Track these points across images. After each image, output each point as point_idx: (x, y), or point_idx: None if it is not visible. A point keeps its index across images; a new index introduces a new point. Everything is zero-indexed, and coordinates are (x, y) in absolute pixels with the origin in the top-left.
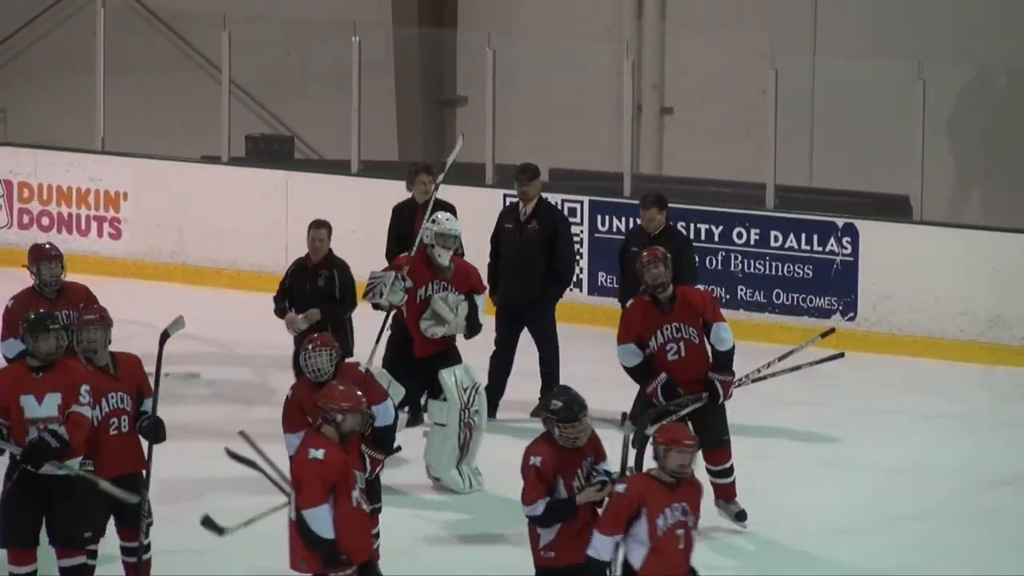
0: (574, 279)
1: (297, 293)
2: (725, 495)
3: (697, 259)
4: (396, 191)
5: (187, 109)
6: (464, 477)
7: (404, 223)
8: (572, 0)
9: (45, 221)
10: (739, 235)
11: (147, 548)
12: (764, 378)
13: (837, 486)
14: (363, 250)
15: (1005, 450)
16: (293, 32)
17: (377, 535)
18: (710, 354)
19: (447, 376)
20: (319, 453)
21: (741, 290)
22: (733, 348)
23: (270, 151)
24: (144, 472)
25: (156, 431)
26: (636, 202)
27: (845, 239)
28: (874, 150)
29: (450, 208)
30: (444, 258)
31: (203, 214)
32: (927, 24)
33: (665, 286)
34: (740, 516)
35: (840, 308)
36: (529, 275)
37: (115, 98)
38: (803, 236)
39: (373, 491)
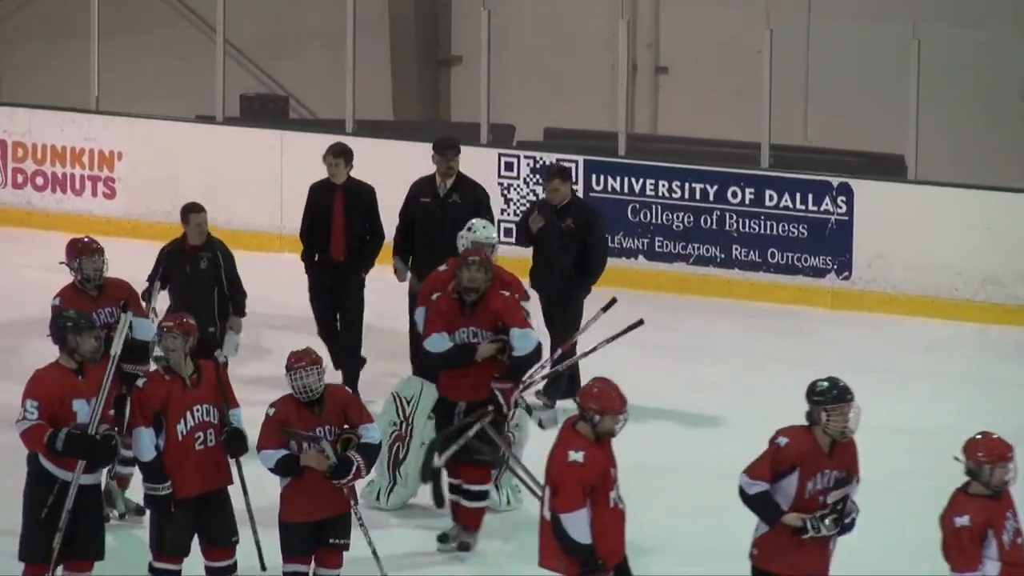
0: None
1: (176, 276)
2: (470, 521)
3: (607, 235)
4: (391, 150)
5: (182, 69)
6: (502, 494)
7: (321, 205)
8: None
9: (39, 181)
10: (734, 194)
11: (235, 567)
12: (558, 373)
13: None
14: None
15: (999, 408)
16: None
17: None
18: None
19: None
20: (579, 456)
21: (736, 249)
22: (528, 356)
23: (265, 111)
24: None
25: (236, 444)
26: (633, 162)
27: (840, 198)
28: (869, 109)
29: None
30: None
31: (197, 174)
32: None
33: (478, 291)
34: (463, 547)
35: (835, 267)
36: (454, 249)
37: (109, 57)
38: (798, 195)
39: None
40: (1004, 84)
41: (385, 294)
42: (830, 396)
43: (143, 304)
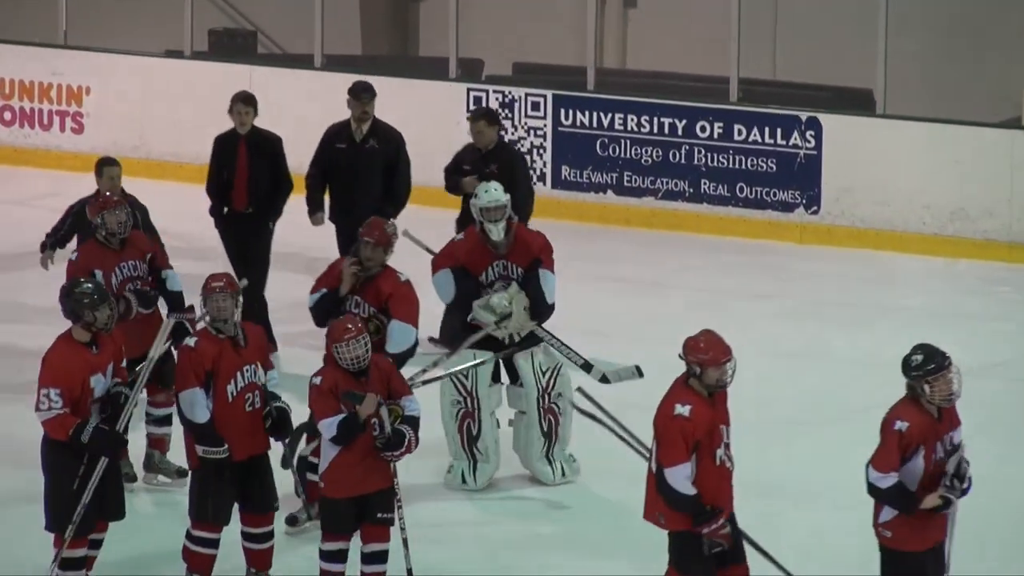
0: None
1: (88, 233)
2: None
3: (534, 179)
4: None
5: (150, 3)
6: (555, 467)
7: (224, 156)
8: None
9: (7, 116)
10: (703, 129)
11: (272, 534)
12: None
13: (798, 377)
14: None
15: (966, 341)
16: None
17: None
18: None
19: (523, 361)
20: (684, 410)
21: (704, 184)
22: (403, 353)
23: (233, 45)
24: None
25: (284, 426)
26: (601, 96)
27: (808, 132)
28: (837, 43)
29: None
30: (496, 233)
31: (165, 109)
32: None
33: (370, 270)
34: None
35: (803, 202)
36: (371, 195)
37: None
38: (766, 130)
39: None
40: (973, 17)
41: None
42: (929, 368)
43: (44, 256)
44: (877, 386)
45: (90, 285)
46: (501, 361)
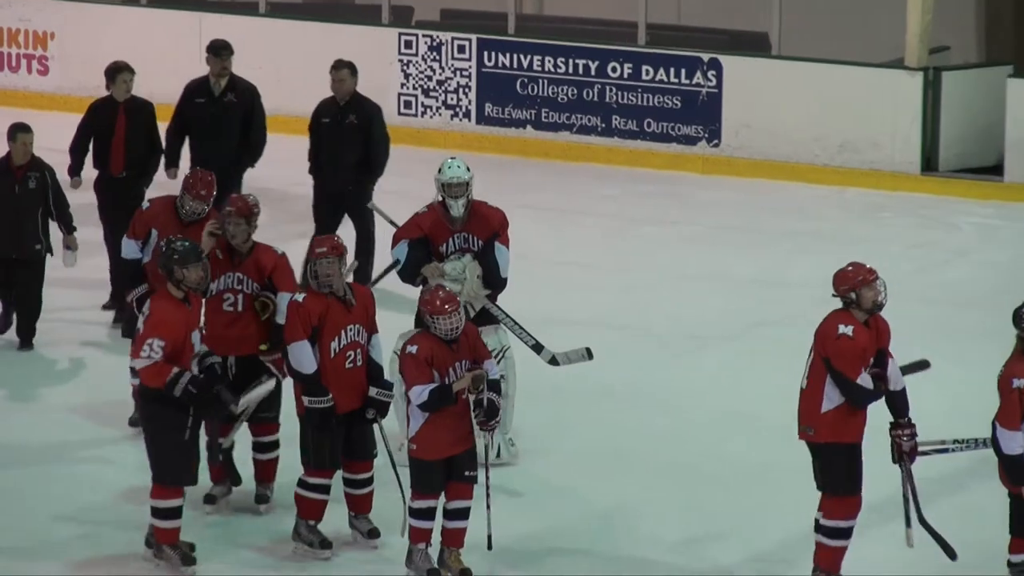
0: (464, 111)
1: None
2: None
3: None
4: (300, 30)
5: None
6: (493, 446)
7: (102, 122)
8: None
9: None
10: (613, 69)
11: (372, 480)
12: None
13: (703, 296)
14: (266, 86)
15: (861, 261)
16: None
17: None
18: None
19: None
20: (848, 330)
21: (616, 119)
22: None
23: None
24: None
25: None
26: (521, 40)
27: (710, 72)
28: None
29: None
30: (456, 209)
31: (124, 53)
32: None
33: (241, 244)
34: (261, 499)
35: (706, 136)
36: (229, 146)
37: None
38: (672, 70)
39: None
40: None
41: None
42: None
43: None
44: (774, 303)
45: (184, 244)
46: None
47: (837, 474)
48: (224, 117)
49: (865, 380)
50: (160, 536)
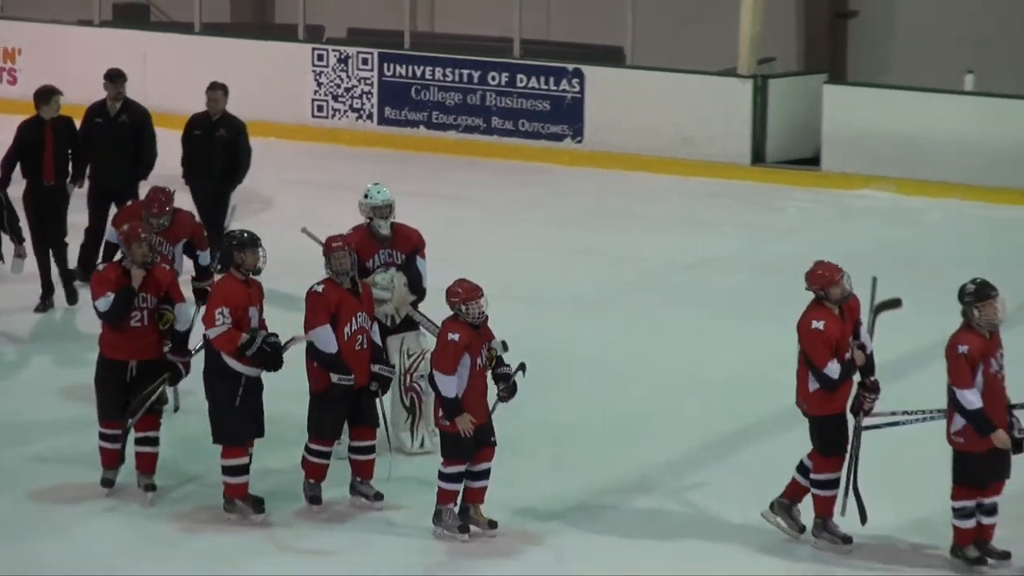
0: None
1: None
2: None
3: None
4: (231, 47)
5: None
6: (416, 437)
7: (32, 138)
8: None
9: None
10: (493, 78)
11: (375, 448)
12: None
13: (569, 270)
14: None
15: (695, 241)
16: None
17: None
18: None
19: (393, 341)
20: (820, 324)
21: (495, 120)
22: (187, 331)
23: (131, 16)
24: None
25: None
26: (415, 53)
27: (574, 80)
28: (596, 10)
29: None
30: (384, 228)
31: (81, 64)
32: None
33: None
34: (149, 488)
35: (571, 133)
36: (124, 160)
37: None
38: (542, 78)
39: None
40: None
41: None
42: (977, 295)
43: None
44: (631, 276)
45: (243, 232)
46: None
47: (825, 439)
48: (118, 136)
49: (832, 369)
50: (231, 491)
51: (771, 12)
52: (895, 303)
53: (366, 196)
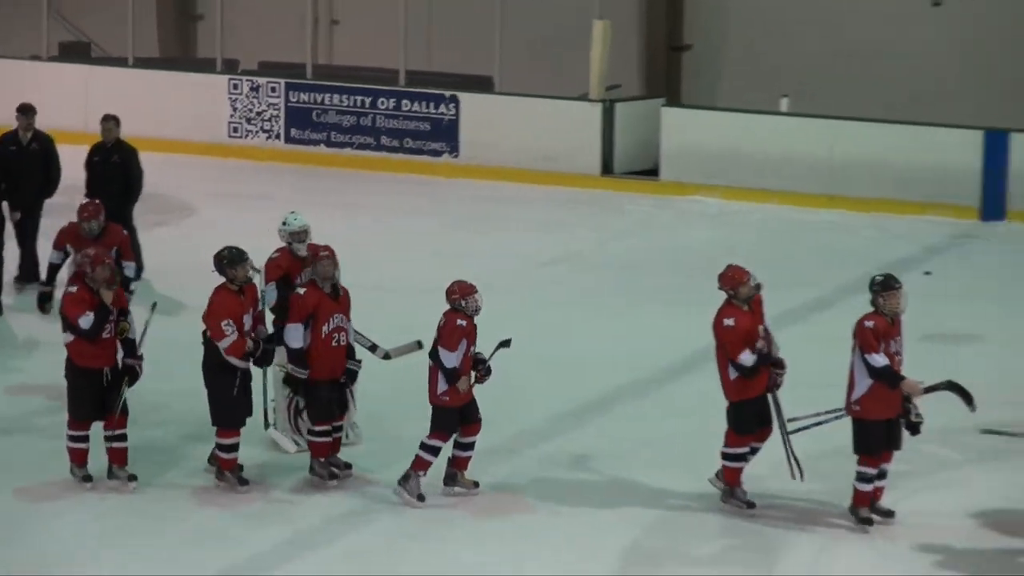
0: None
1: None
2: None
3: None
4: (159, 77)
5: (20, 24)
6: (344, 430)
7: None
8: None
9: None
10: (382, 103)
11: (341, 428)
12: None
13: (452, 267)
14: (137, 119)
15: (555, 240)
16: None
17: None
18: None
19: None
20: (731, 321)
21: (384, 139)
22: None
23: (75, 51)
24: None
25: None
26: (317, 83)
27: (451, 104)
28: (470, 45)
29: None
30: (302, 250)
31: (30, 95)
32: None
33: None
34: (86, 479)
35: (448, 150)
36: (34, 184)
37: None
38: (423, 103)
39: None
40: (562, 27)
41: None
42: (883, 286)
43: None
44: (501, 270)
45: (231, 250)
46: None
47: (740, 420)
48: (29, 161)
49: (746, 358)
50: (223, 464)
51: (617, 46)
52: None
53: (284, 224)
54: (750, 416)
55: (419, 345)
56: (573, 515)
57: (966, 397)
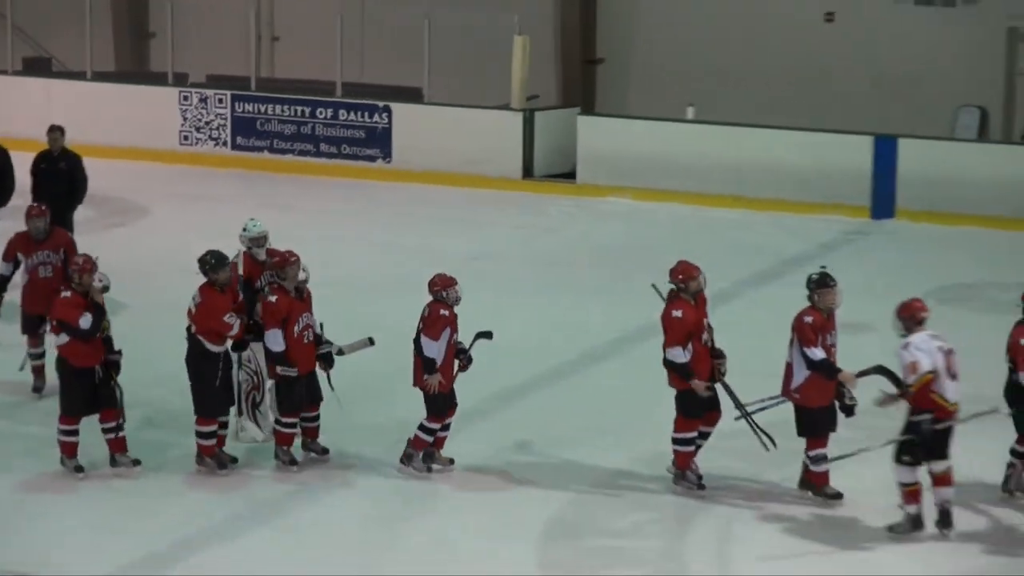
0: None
1: None
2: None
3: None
4: (114, 90)
5: None
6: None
7: None
8: None
9: None
10: (320, 112)
11: (319, 417)
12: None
13: (384, 261)
14: (93, 128)
15: (479, 238)
16: None
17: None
18: None
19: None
20: (679, 313)
21: (323, 145)
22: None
23: (38, 66)
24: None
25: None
26: (261, 94)
27: (384, 114)
28: (400, 59)
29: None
30: (261, 254)
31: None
32: None
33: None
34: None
35: (382, 155)
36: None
37: None
38: (358, 112)
39: None
40: (480, 43)
41: None
42: (819, 284)
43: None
44: (429, 265)
45: (212, 256)
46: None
47: (688, 407)
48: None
49: (675, 353)
50: (204, 450)
51: (536, 60)
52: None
53: (244, 230)
54: (697, 402)
55: (371, 342)
56: (499, 489)
57: (894, 379)
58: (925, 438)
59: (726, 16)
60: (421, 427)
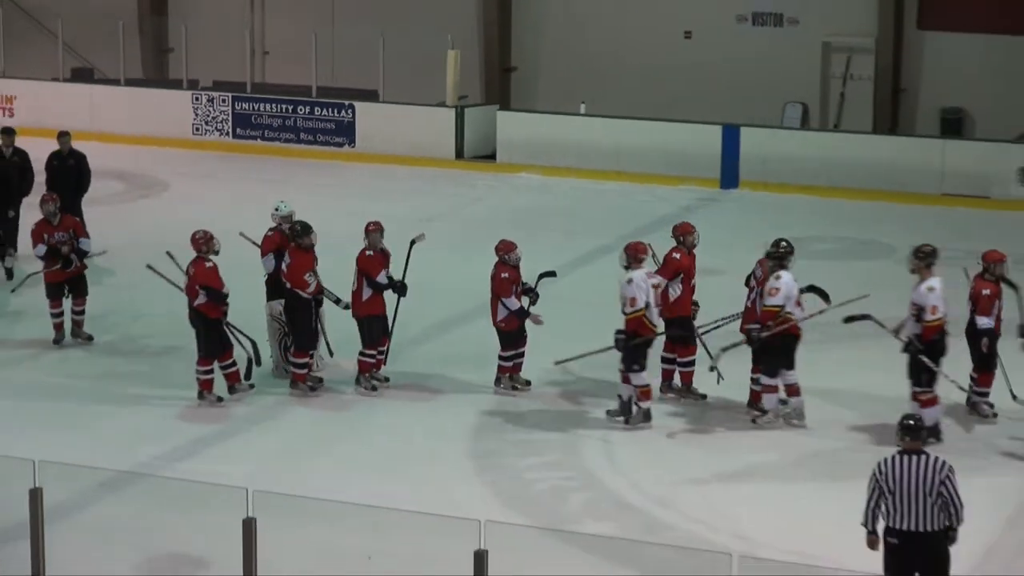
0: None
1: None
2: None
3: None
4: (142, 92)
5: (40, 54)
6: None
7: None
8: None
9: None
10: (300, 109)
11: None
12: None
13: (344, 225)
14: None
15: (428, 203)
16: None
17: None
18: None
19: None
20: (677, 255)
21: (303, 135)
22: None
23: (82, 74)
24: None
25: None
26: (256, 96)
27: (348, 110)
28: (360, 68)
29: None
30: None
31: (51, 107)
32: None
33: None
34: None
35: (348, 142)
36: (10, 187)
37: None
38: (329, 109)
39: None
40: (432, 47)
41: None
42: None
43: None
44: (388, 224)
45: (297, 223)
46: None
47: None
48: (9, 170)
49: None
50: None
51: (464, 68)
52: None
53: (276, 209)
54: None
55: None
56: (429, 405)
57: (823, 295)
58: (628, 351)
59: (610, 33)
60: (501, 357)
